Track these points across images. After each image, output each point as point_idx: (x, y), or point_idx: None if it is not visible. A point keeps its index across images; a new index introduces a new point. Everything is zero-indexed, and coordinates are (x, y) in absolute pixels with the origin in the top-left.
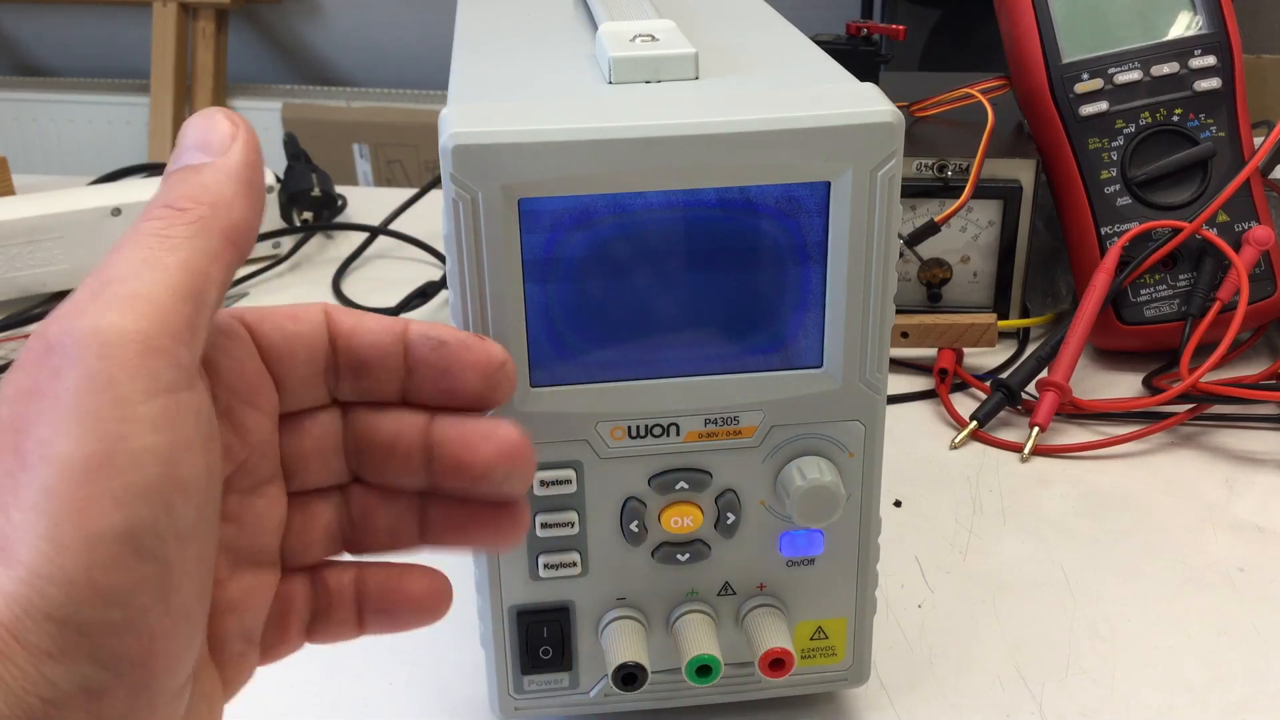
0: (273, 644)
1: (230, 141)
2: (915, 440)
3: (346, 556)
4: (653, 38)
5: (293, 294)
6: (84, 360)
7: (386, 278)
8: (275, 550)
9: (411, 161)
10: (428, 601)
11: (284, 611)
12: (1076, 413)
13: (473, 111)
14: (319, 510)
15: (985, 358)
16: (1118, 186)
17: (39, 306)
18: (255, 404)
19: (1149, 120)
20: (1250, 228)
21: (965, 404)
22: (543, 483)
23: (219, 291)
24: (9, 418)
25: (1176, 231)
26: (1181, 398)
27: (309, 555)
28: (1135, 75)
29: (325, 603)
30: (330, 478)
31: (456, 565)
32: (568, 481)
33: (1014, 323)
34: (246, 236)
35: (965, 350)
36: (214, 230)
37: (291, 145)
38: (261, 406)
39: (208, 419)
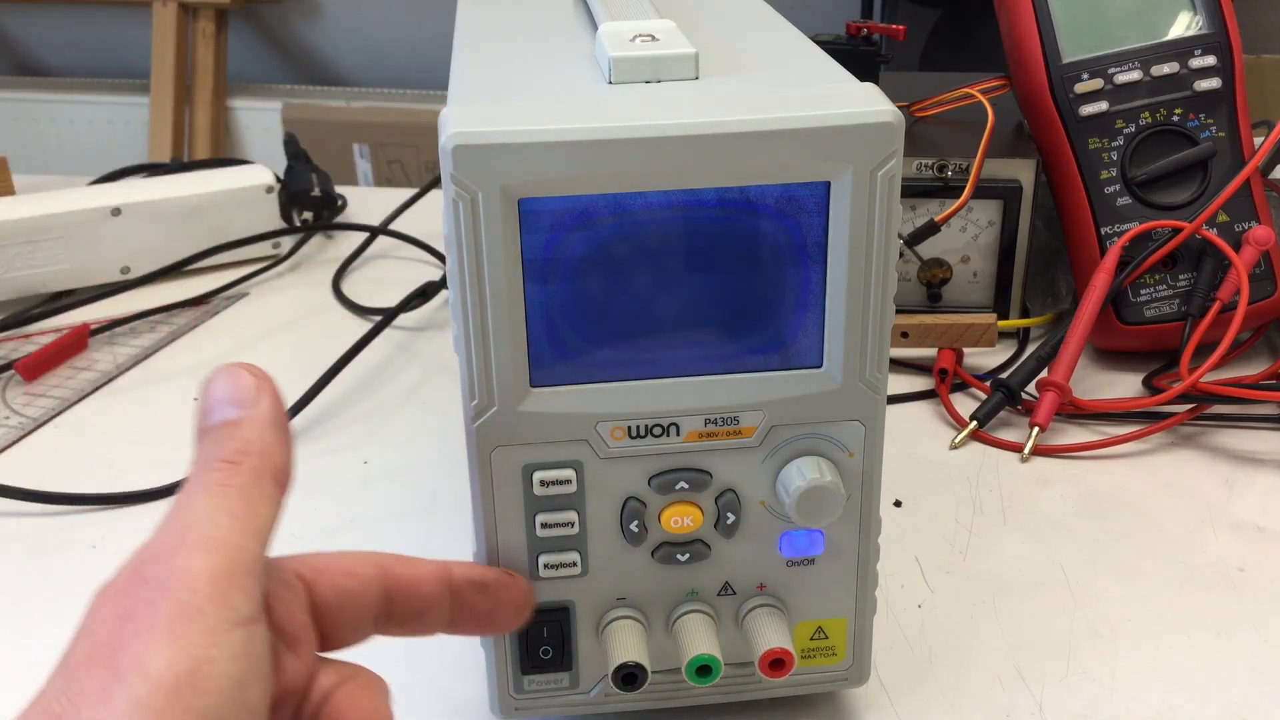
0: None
1: (257, 393)
2: (915, 440)
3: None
4: (653, 38)
5: (293, 294)
6: (178, 593)
7: (386, 278)
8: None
9: (411, 161)
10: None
11: None
12: (1076, 413)
13: (473, 111)
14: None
15: (985, 358)
16: (1118, 186)
17: (39, 306)
18: (296, 651)
19: (1149, 120)
20: (1250, 228)
21: (965, 404)
22: (543, 483)
23: (274, 529)
24: (104, 637)
25: (1176, 231)
26: (1181, 398)
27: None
28: (1135, 75)
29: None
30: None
31: None
32: (568, 481)
33: (1014, 323)
34: (288, 475)
35: (965, 350)
36: (265, 476)
37: (291, 145)
38: (302, 655)
39: (268, 652)
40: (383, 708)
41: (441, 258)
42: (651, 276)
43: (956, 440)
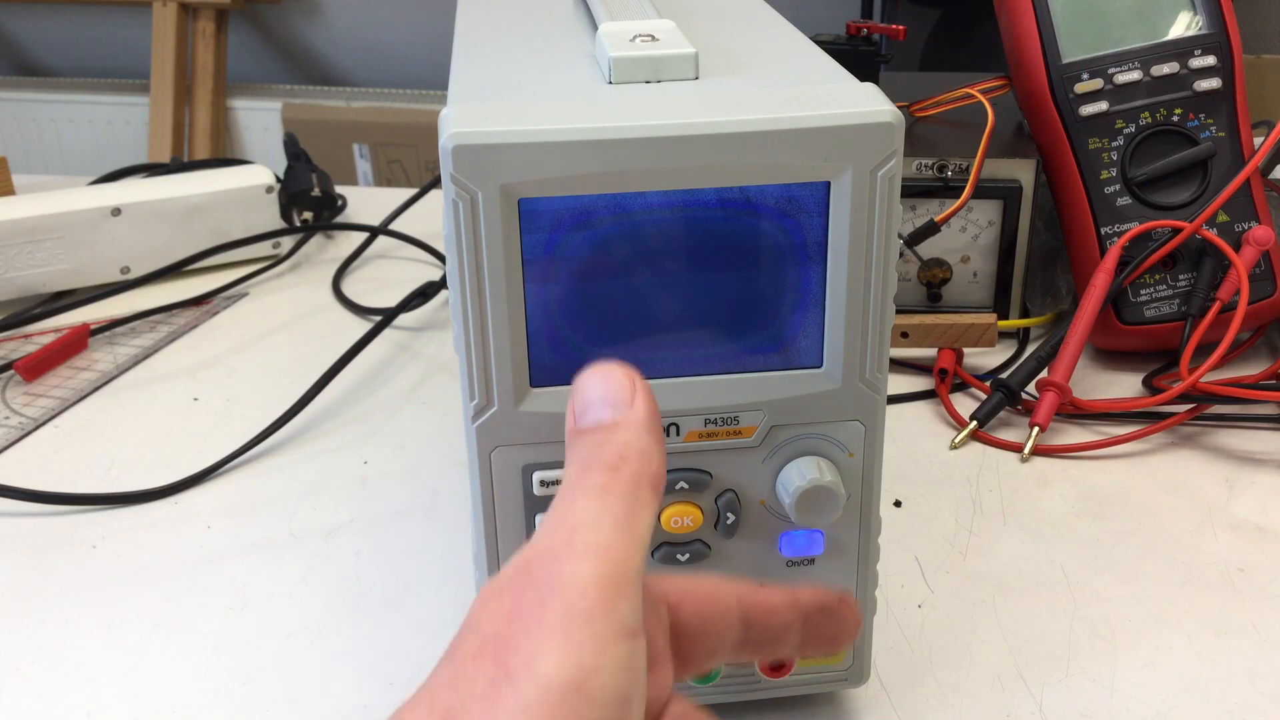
0: None
1: (633, 395)
2: (915, 440)
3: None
4: (653, 38)
5: (293, 294)
6: (567, 596)
7: (386, 278)
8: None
9: (411, 161)
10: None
11: None
12: (1076, 413)
13: (473, 111)
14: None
15: (985, 358)
16: (1118, 186)
17: (39, 306)
18: (655, 673)
19: (1149, 120)
20: (1250, 228)
21: (965, 404)
22: (543, 483)
23: (650, 537)
24: (493, 633)
25: (1176, 231)
26: (1181, 398)
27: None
28: (1135, 75)
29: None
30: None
31: (456, 565)
32: None
33: (1014, 323)
34: (663, 481)
35: (965, 350)
36: (644, 483)
37: (291, 145)
38: (660, 678)
39: (645, 669)
40: None
41: (441, 258)
42: (651, 277)
43: (956, 440)
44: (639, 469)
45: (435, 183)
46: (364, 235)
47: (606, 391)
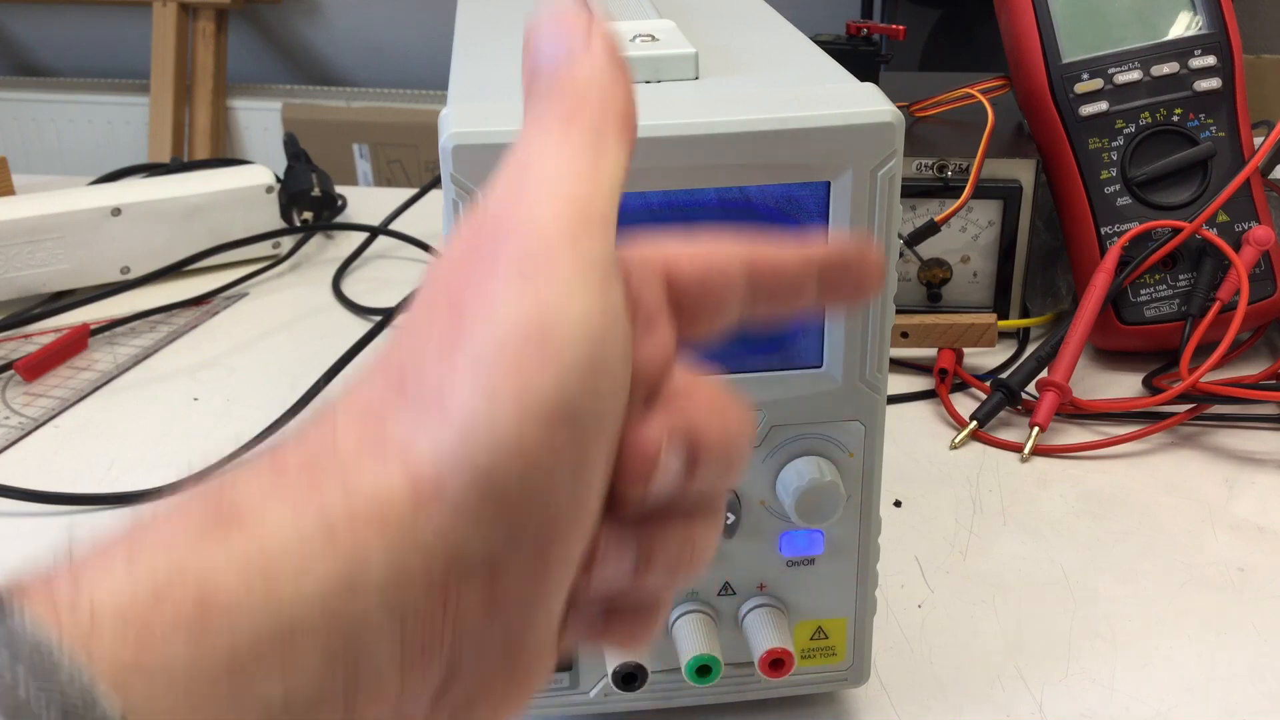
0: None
1: (589, 33)
2: (915, 440)
3: None
4: (653, 38)
5: (293, 294)
6: (525, 238)
7: (386, 278)
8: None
9: (411, 161)
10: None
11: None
12: (1076, 413)
13: (473, 111)
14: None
15: (985, 358)
16: (1118, 186)
17: (39, 306)
18: (651, 333)
19: (1149, 120)
20: (1250, 228)
21: (965, 404)
22: None
23: (621, 182)
24: (448, 285)
25: (1176, 231)
26: (1181, 398)
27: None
28: (1135, 75)
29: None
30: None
31: None
32: None
33: (1014, 323)
34: (633, 121)
35: (965, 350)
36: (609, 122)
37: (291, 145)
38: (658, 339)
39: (625, 314)
40: (733, 410)
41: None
42: None
43: (956, 440)
44: (601, 107)
45: (435, 183)
46: (364, 235)
47: (560, 32)
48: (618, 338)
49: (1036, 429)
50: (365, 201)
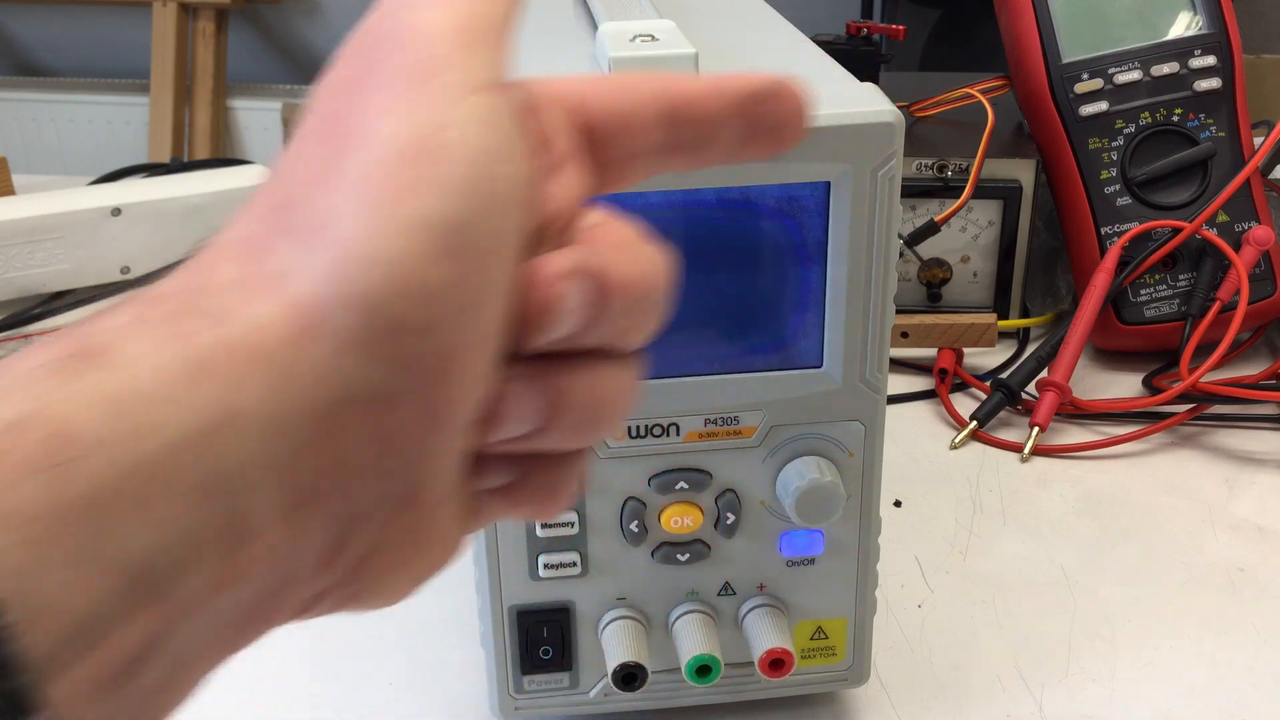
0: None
1: None
2: (915, 440)
3: None
4: (653, 38)
5: None
6: (409, 49)
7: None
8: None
9: None
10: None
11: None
12: (1076, 413)
13: None
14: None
15: (985, 358)
16: (1118, 186)
17: (39, 306)
18: (560, 177)
19: (1149, 120)
20: (1250, 228)
21: (965, 404)
22: None
23: (517, 11)
24: (330, 107)
25: (1176, 231)
26: (1181, 398)
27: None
28: (1135, 75)
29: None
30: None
31: (457, 565)
32: None
33: (1014, 323)
34: None
35: (965, 350)
36: None
37: None
38: (566, 179)
39: (520, 137)
40: (643, 247)
41: None
42: None
43: (956, 440)
44: None
45: None
46: None
47: None
48: (511, 160)
49: (1036, 429)
50: None
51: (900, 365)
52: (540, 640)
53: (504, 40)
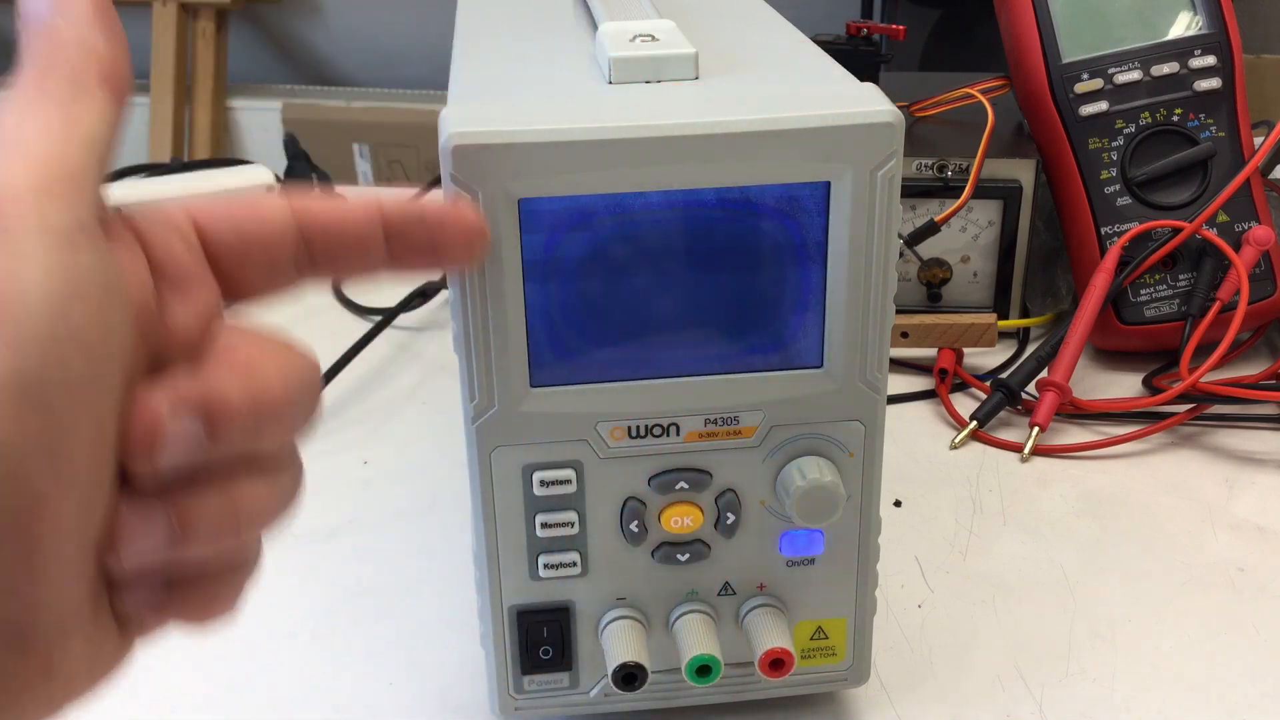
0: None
1: None
2: (915, 440)
3: None
4: (653, 38)
5: (292, 294)
6: None
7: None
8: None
9: (411, 161)
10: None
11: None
12: (1076, 413)
13: (472, 111)
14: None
15: (985, 358)
16: (1118, 186)
17: None
18: (185, 296)
19: (1149, 120)
20: (1250, 228)
21: (965, 404)
22: (543, 483)
23: (108, 138)
24: None
25: (1176, 231)
26: (1181, 398)
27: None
28: (1135, 75)
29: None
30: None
31: (457, 565)
32: (568, 481)
33: (1014, 323)
34: (121, 75)
35: (965, 350)
36: (88, 77)
37: (291, 145)
38: (193, 301)
39: (110, 276)
40: (268, 364)
41: None
42: (651, 276)
43: (956, 440)
44: (78, 63)
45: (435, 183)
46: None
47: None
48: (90, 304)
49: (1036, 429)
50: None
51: (900, 365)
52: (540, 640)
53: (94, 177)
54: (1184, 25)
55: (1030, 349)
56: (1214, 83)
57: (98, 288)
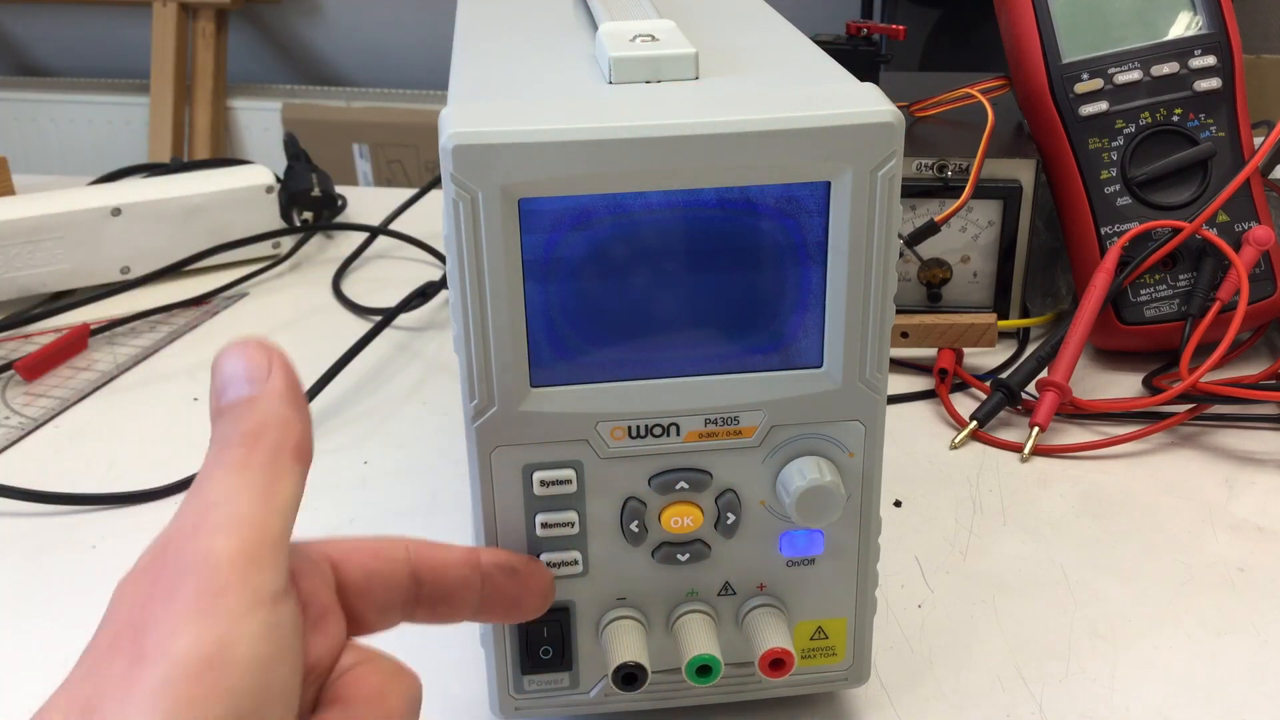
0: None
1: (270, 367)
2: (915, 440)
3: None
4: (653, 38)
5: (293, 293)
6: (200, 573)
7: (386, 278)
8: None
9: (411, 161)
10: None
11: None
12: (1076, 413)
13: (473, 111)
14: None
15: (985, 358)
16: (1118, 186)
17: (39, 306)
18: (322, 630)
19: (1149, 120)
20: (1250, 228)
21: (965, 404)
22: (543, 483)
23: (298, 505)
24: (128, 620)
25: (1176, 231)
26: (1181, 398)
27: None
28: (1135, 75)
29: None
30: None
31: None
32: (568, 481)
33: (1014, 323)
34: (309, 449)
35: (965, 350)
36: (284, 452)
37: (291, 145)
38: (328, 634)
39: (297, 630)
40: (393, 692)
41: (441, 258)
42: (651, 277)
43: (956, 440)
44: (279, 439)
45: (435, 183)
46: (364, 235)
47: (243, 368)
48: (287, 656)
49: (1036, 429)
50: (365, 201)
51: (900, 365)
52: (540, 640)
53: (285, 541)
54: (1184, 25)
55: (1030, 349)
56: (1214, 83)
57: (294, 644)
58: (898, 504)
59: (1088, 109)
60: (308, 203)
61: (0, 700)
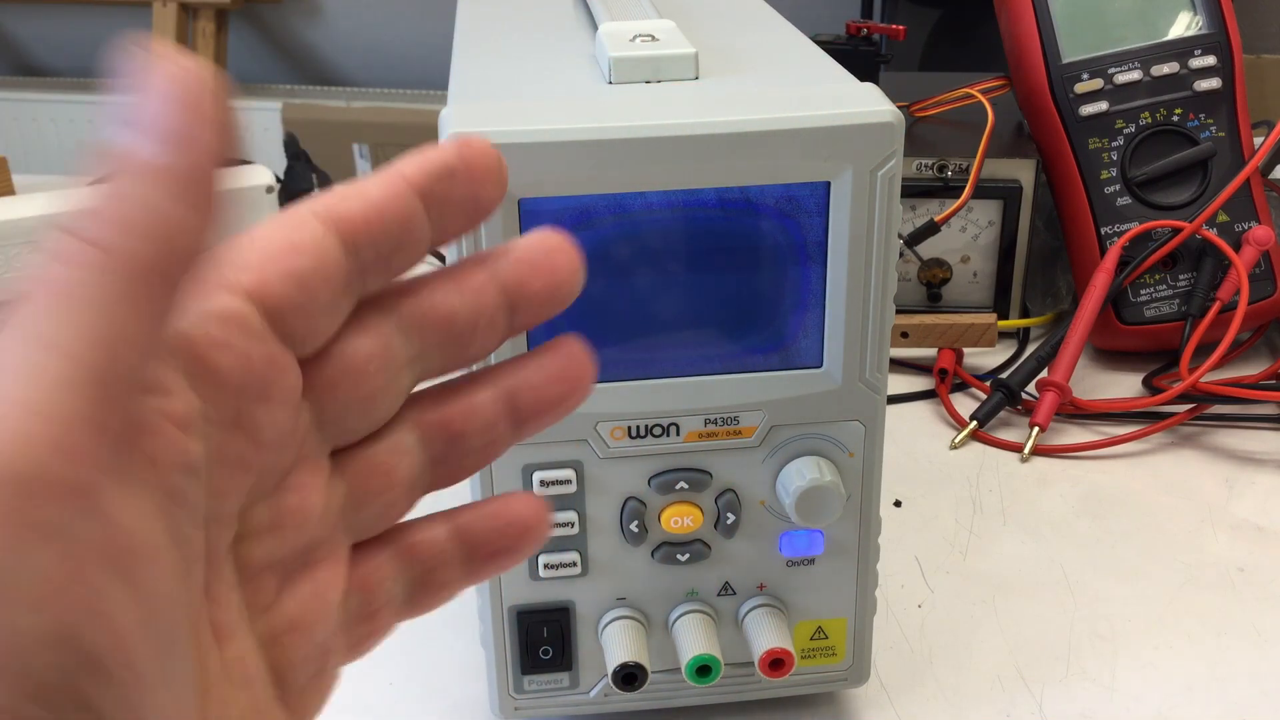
0: (360, 638)
1: (195, 124)
2: (915, 440)
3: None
4: (653, 38)
5: None
6: None
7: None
8: (334, 535)
9: None
10: (536, 522)
11: (368, 598)
12: (1076, 413)
13: (473, 111)
14: (390, 458)
15: (985, 358)
16: (1118, 186)
17: None
18: (269, 395)
19: (1149, 120)
20: (1250, 228)
21: (965, 404)
22: (543, 483)
23: (146, 346)
24: None
25: (1176, 231)
26: (1181, 398)
27: (388, 518)
28: (1135, 75)
29: (422, 568)
30: (391, 405)
31: None
32: (568, 481)
33: (1014, 323)
34: (189, 258)
35: (965, 350)
36: (138, 269)
37: (291, 145)
38: (275, 396)
39: (157, 520)
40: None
41: (441, 258)
42: (652, 277)
43: (956, 440)
44: (141, 248)
45: None
46: None
47: (159, 107)
48: (108, 593)
49: (1036, 429)
50: None
51: (900, 365)
52: (540, 640)
53: (120, 406)
54: (1184, 25)
55: (1030, 349)
56: (1214, 83)
57: (148, 562)
58: (898, 504)
59: (1088, 109)
60: None
61: None
